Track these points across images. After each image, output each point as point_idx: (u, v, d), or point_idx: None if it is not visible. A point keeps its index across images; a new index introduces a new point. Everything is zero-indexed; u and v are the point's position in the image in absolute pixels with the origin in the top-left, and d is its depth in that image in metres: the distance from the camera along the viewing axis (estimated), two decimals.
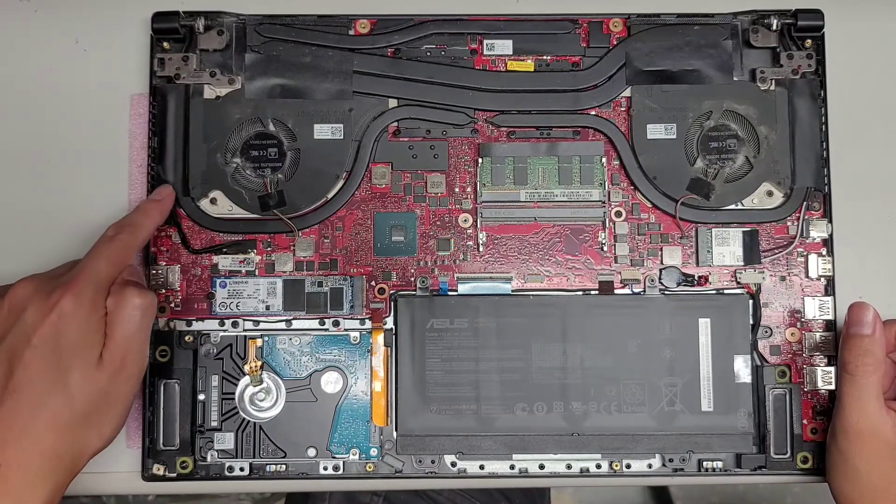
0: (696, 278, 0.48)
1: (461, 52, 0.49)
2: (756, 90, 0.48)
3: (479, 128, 0.49)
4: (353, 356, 0.48)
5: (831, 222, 0.48)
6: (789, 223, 0.48)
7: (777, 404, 0.47)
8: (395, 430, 0.47)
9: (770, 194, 0.48)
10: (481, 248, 0.48)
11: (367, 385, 0.47)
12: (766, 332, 0.48)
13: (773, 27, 0.48)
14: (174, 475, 0.46)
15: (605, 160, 0.48)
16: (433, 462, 0.47)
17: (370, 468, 0.47)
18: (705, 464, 0.47)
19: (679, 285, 0.48)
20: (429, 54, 0.49)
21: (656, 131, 0.48)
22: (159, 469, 0.46)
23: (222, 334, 0.47)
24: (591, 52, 0.49)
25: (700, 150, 0.48)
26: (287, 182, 0.48)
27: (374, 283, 0.48)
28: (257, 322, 0.47)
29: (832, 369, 0.47)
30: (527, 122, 0.49)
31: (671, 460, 0.47)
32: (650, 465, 0.47)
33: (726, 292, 0.48)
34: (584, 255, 0.48)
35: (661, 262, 0.48)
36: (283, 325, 0.48)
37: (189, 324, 0.47)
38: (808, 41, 0.49)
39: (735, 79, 0.49)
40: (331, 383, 0.47)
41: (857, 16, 0.50)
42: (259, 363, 0.47)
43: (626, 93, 0.49)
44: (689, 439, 0.46)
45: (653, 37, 0.49)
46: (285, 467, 0.47)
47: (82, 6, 0.50)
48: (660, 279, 0.48)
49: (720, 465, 0.47)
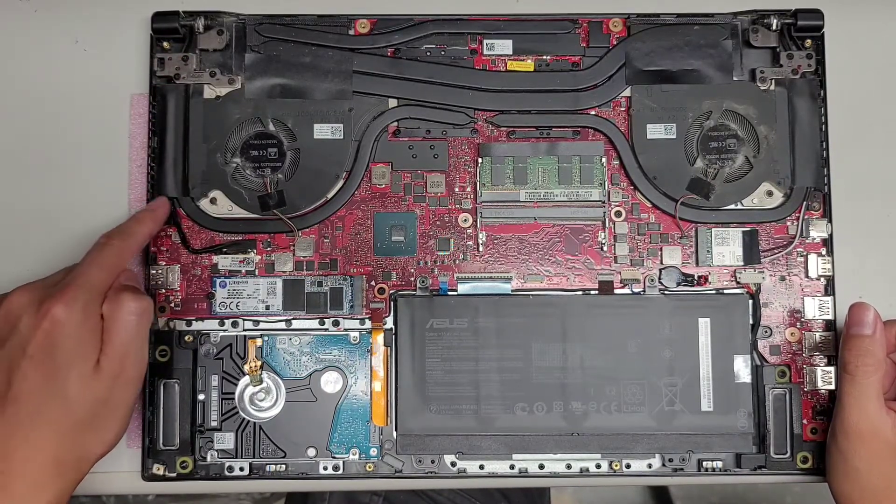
0: (696, 278, 0.48)
1: (461, 52, 0.49)
2: (756, 90, 0.48)
3: (479, 128, 0.49)
4: (352, 356, 0.48)
5: (831, 222, 0.48)
6: (789, 223, 0.48)
7: (777, 404, 0.47)
8: (395, 429, 0.47)
9: (770, 194, 0.48)
10: (481, 248, 0.48)
11: (367, 385, 0.47)
12: (766, 331, 0.48)
13: (773, 27, 0.48)
14: (174, 475, 0.46)
15: (604, 160, 0.48)
16: (433, 462, 0.47)
17: (370, 468, 0.47)
18: (705, 464, 0.47)
19: (679, 285, 0.48)
20: (429, 54, 0.49)
21: (656, 131, 0.48)
22: (159, 469, 0.46)
23: (222, 334, 0.47)
24: (590, 52, 0.49)
25: (700, 149, 0.48)
26: (287, 182, 0.48)
27: (373, 282, 0.48)
28: (257, 322, 0.47)
29: (832, 369, 0.47)
30: (527, 122, 0.49)
31: (671, 460, 0.47)
32: (650, 465, 0.47)
33: (726, 292, 0.48)
34: (584, 255, 0.48)
35: (661, 262, 0.48)
36: (282, 325, 0.48)
37: (189, 324, 0.47)
38: (808, 41, 0.49)
39: (735, 79, 0.49)
40: (330, 383, 0.47)
41: (856, 16, 0.50)
42: (259, 363, 0.47)
43: (626, 93, 0.49)
44: (688, 439, 0.46)
45: (652, 37, 0.49)
46: (285, 467, 0.47)
47: (82, 6, 0.50)
48: (659, 279, 0.48)
49: (720, 464, 0.47)
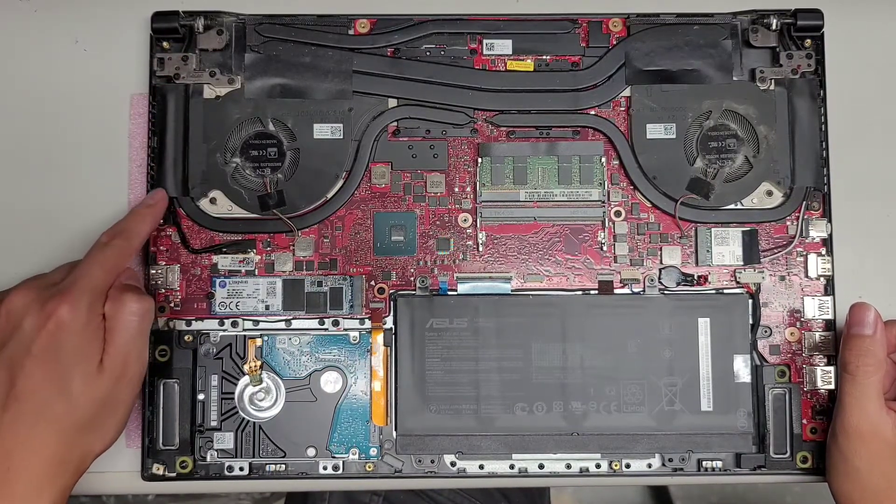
0: (696, 278, 0.48)
1: (461, 52, 0.49)
2: (755, 90, 0.48)
3: (479, 127, 0.49)
4: (352, 356, 0.48)
5: (831, 222, 0.48)
6: (789, 223, 0.48)
7: (776, 404, 0.47)
8: (395, 429, 0.47)
9: (769, 194, 0.48)
10: (481, 248, 0.48)
11: (367, 385, 0.47)
12: (766, 331, 0.48)
13: (773, 27, 0.48)
14: (174, 475, 0.46)
15: (604, 160, 0.48)
16: (433, 462, 0.47)
17: (370, 468, 0.47)
18: (705, 463, 0.47)
19: (678, 285, 0.48)
20: (428, 54, 0.49)
21: (656, 131, 0.48)
22: (159, 469, 0.46)
23: (222, 334, 0.47)
24: (590, 52, 0.49)
25: (699, 149, 0.48)
26: (287, 182, 0.48)
27: (373, 282, 0.48)
28: (257, 322, 0.47)
29: (831, 369, 0.47)
30: (526, 122, 0.49)
31: (671, 460, 0.47)
32: (650, 465, 0.47)
33: (726, 292, 0.48)
34: (584, 255, 0.48)
35: (661, 262, 0.48)
36: (282, 325, 0.48)
37: (188, 323, 0.47)
38: (808, 41, 0.49)
39: (735, 78, 0.49)
40: (330, 383, 0.47)
41: (856, 16, 0.50)
42: (259, 363, 0.47)
43: (626, 92, 0.49)
44: (688, 439, 0.46)
45: (652, 36, 0.49)
46: (285, 467, 0.47)
47: (82, 6, 0.50)
48: (659, 279, 0.48)
49: (720, 464, 0.47)
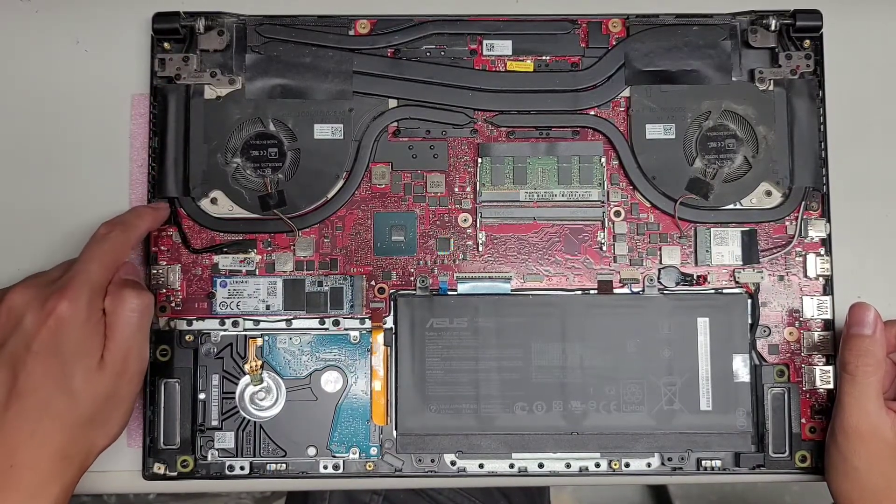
0: (695, 278, 0.48)
1: (461, 53, 0.49)
2: (755, 90, 0.48)
3: (479, 128, 0.49)
4: (352, 355, 0.48)
5: (830, 222, 0.48)
6: (788, 223, 0.48)
7: (775, 403, 0.47)
8: (395, 429, 0.47)
9: (769, 194, 0.48)
10: (481, 248, 0.48)
11: (367, 384, 0.47)
12: (765, 331, 0.48)
13: (772, 27, 0.48)
14: (175, 474, 0.47)
15: (604, 160, 0.48)
16: (433, 461, 0.47)
17: (370, 467, 0.47)
18: (704, 463, 0.47)
19: (678, 285, 0.48)
20: (428, 54, 0.49)
21: (655, 131, 0.48)
22: (160, 468, 0.47)
23: (222, 334, 0.47)
24: (590, 53, 0.49)
25: (699, 149, 0.48)
26: (287, 182, 0.48)
27: (373, 282, 0.48)
28: (257, 321, 0.48)
29: (830, 368, 0.47)
30: (526, 122, 0.49)
31: (670, 459, 0.47)
32: (649, 464, 0.47)
33: (725, 292, 0.48)
34: (584, 255, 0.48)
35: (660, 262, 0.48)
36: (283, 325, 0.48)
37: (189, 323, 0.47)
38: (807, 41, 0.49)
39: (734, 79, 0.49)
40: (331, 382, 0.48)
41: (855, 16, 0.51)
42: (259, 362, 0.47)
43: (625, 93, 0.49)
44: (687, 438, 0.46)
45: (652, 37, 0.49)
46: (285, 466, 0.47)
47: (82, 6, 0.50)
48: (658, 279, 0.48)
49: (719, 464, 0.47)
